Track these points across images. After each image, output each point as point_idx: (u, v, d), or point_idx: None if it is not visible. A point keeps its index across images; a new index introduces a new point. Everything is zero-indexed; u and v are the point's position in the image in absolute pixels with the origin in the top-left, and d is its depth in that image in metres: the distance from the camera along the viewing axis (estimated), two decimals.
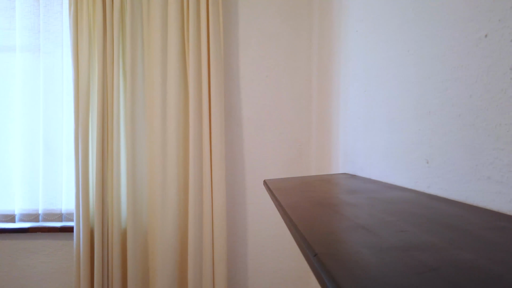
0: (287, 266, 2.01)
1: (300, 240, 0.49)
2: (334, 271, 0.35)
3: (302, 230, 0.51)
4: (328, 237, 0.49)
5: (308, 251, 0.44)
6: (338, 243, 0.46)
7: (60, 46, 1.99)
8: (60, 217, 2.00)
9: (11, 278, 1.94)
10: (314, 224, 0.55)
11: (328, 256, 0.40)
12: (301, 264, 2.01)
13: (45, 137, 1.98)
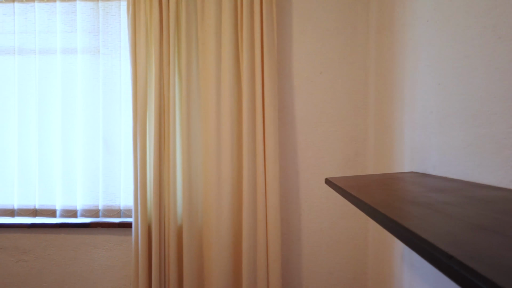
0: (343, 267, 1.96)
1: (419, 242, 0.45)
2: (491, 275, 0.32)
3: (417, 231, 0.48)
4: (448, 238, 0.45)
5: (438, 254, 0.40)
6: (466, 245, 0.42)
7: (118, 47, 2.05)
8: (119, 213, 2.07)
9: (74, 271, 2.03)
10: (425, 225, 0.51)
11: (469, 259, 0.37)
12: (357, 266, 1.96)
13: (104, 136, 2.05)
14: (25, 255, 2.04)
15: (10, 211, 2.08)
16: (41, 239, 2.04)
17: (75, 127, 2.07)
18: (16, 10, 2.06)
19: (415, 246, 0.46)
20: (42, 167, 2.07)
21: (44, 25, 2.06)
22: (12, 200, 2.08)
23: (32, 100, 2.07)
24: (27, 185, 2.07)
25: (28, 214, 2.08)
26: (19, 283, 2.04)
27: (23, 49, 2.07)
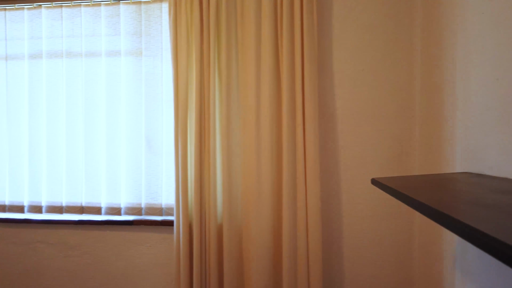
0: (386, 272, 1.90)
1: (506, 249, 0.42)
2: None
3: (500, 237, 0.45)
4: None
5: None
6: None
7: (160, 49, 2.09)
8: (161, 211, 2.12)
9: (118, 267, 2.10)
10: (504, 230, 0.48)
11: None
12: (402, 270, 1.89)
13: (146, 135, 2.11)
14: (72, 251, 2.13)
15: (59, 208, 2.18)
16: (88, 235, 2.12)
17: (119, 128, 2.14)
18: (63, 15, 2.15)
19: (500, 254, 0.43)
20: (88, 166, 2.15)
21: (89, 28, 2.14)
22: (60, 197, 2.17)
23: (78, 101, 2.16)
24: (75, 183, 2.16)
25: (75, 211, 2.16)
26: (67, 277, 2.14)
27: (71, 52, 2.16)
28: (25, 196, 2.20)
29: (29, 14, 2.18)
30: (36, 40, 2.18)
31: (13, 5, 2.17)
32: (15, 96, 2.21)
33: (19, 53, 2.20)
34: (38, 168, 2.19)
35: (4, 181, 2.21)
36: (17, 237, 2.17)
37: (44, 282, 2.15)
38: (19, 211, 2.20)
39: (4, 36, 2.21)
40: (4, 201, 2.22)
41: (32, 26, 2.18)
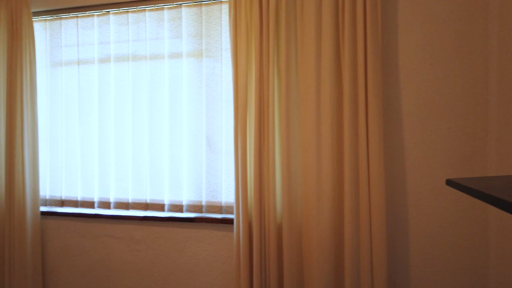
0: (459, 278, 1.79)
1: None
2: None
3: None
4: None
5: None
6: None
7: (220, 49, 2.13)
8: (220, 209, 2.16)
9: (180, 263, 2.17)
10: None
11: None
12: (475, 278, 1.77)
13: (207, 135, 2.16)
14: (138, 245, 2.24)
15: (125, 204, 2.29)
16: (152, 231, 2.22)
17: (181, 128, 2.21)
18: (130, 20, 2.26)
19: None
20: (153, 165, 2.25)
21: (153, 32, 2.23)
22: (127, 194, 2.29)
23: (143, 103, 2.26)
24: (140, 181, 2.27)
25: (140, 207, 2.27)
26: (133, 270, 2.25)
27: (136, 55, 2.27)
28: (95, 193, 2.34)
29: (99, 21, 2.32)
30: (104, 45, 2.32)
31: (84, 13, 2.32)
32: (86, 99, 2.36)
33: (89, 57, 2.35)
34: (107, 167, 2.32)
35: (77, 179, 2.37)
36: (88, 231, 2.32)
37: (112, 274, 2.28)
38: (90, 207, 2.35)
39: (76, 42, 2.37)
40: (77, 197, 2.38)
41: (101, 32, 2.32)
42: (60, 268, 2.36)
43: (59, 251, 2.37)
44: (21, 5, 2.22)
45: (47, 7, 2.35)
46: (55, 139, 2.42)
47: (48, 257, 2.39)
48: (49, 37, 2.42)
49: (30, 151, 2.26)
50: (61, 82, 2.40)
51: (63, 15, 2.36)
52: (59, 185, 2.41)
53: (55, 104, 2.42)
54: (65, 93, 2.40)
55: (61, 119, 2.41)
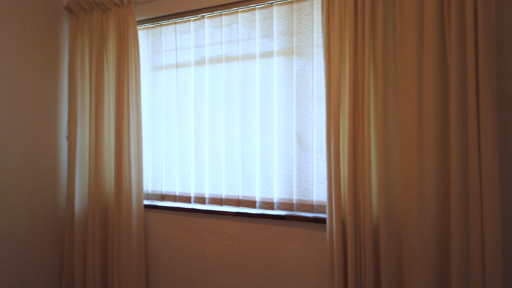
0: None
1: None
2: None
3: None
4: None
5: None
6: None
7: (311, 46, 2.11)
8: (312, 208, 2.14)
9: (271, 260, 2.20)
10: None
11: None
12: None
13: (297, 133, 2.15)
14: (231, 240, 2.32)
15: (219, 200, 2.39)
16: (244, 227, 2.28)
17: (271, 126, 2.23)
18: (223, 22, 2.35)
19: None
20: (244, 162, 2.31)
21: (245, 33, 2.29)
22: (220, 190, 2.39)
23: (235, 102, 2.34)
24: (232, 178, 2.35)
25: (233, 203, 2.35)
26: (226, 263, 2.33)
27: (229, 56, 2.35)
28: (191, 188, 2.49)
29: (194, 25, 2.45)
30: (200, 48, 2.45)
31: (181, 19, 2.48)
32: (183, 100, 2.51)
33: (186, 61, 2.50)
34: (202, 164, 2.45)
35: (175, 175, 2.54)
36: (185, 224, 2.47)
37: (207, 266, 2.39)
38: (187, 201, 2.50)
39: (174, 47, 2.53)
40: (175, 192, 2.55)
41: (197, 36, 2.45)
42: (161, 257, 2.55)
43: (159, 242, 2.56)
44: (127, 16, 2.44)
45: (149, 15, 2.55)
46: (156, 138, 2.63)
47: (150, 247, 2.59)
48: (151, 43, 2.64)
49: (135, 149, 2.47)
50: (161, 85, 2.60)
51: (163, 22, 2.55)
52: (160, 181, 2.61)
53: (156, 105, 2.63)
54: (164, 95, 2.59)
55: (161, 119, 2.60)
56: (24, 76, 2.53)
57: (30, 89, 2.58)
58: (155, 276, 2.58)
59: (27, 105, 2.55)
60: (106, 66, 2.56)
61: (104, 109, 2.55)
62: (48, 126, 2.70)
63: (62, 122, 2.82)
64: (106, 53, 2.55)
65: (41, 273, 2.66)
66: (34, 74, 2.60)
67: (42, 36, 2.66)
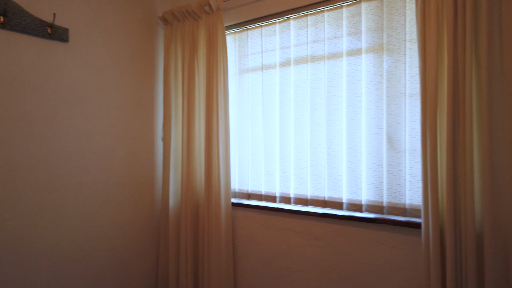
0: None
1: None
2: None
3: None
4: None
5: None
6: None
7: (403, 41, 2.02)
8: (404, 211, 2.04)
9: (360, 263, 2.14)
10: None
11: None
12: None
13: (388, 132, 2.07)
14: (317, 241, 2.31)
15: (304, 200, 2.40)
16: (330, 228, 2.26)
17: (359, 125, 2.18)
18: (308, 22, 2.36)
19: None
20: (330, 163, 2.29)
21: (331, 31, 2.27)
22: (306, 191, 2.39)
23: (321, 102, 2.32)
24: (318, 178, 2.34)
25: (318, 204, 2.34)
26: (312, 264, 2.33)
27: (314, 56, 2.35)
28: (276, 188, 2.53)
29: (280, 27, 2.50)
30: (285, 49, 2.48)
31: (267, 21, 2.53)
32: (269, 101, 2.57)
33: (271, 63, 2.55)
34: (287, 164, 2.48)
35: (261, 175, 2.61)
36: (271, 223, 2.52)
37: (293, 266, 2.41)
38: (272, 201, 2.55)
39: (260, 50, 2.60)
40: (261, 191, 2.62)
41: (282, 37, 2.49)
42: (247, 255, 2.64)
43: (246, 239, 2.65)
44: (217, 22, 2.56)
45: (236, 20, 2.66)
46: (242, 139, 2.72)
47: (237, 244, 2.69)
48: (238, 47, 2.74)
49: (223, 149, 2.59)
50: (247, 87, 2.69)
51: (250, 26, 2.63)
52: (246, 180, 2.70)
53: (242, 107, 2.72)
54: (250, 96, 2.67)
55: (247, 120, 2.69)
56: (126, 82, 2.81)
57: (132, 94, 2.85)
58: (242, 271, 2.67)
59: (129, 108, 2.82)
60: (197, 71, 2.72)
61: (195, 112, 2.72)
62: (146, 127, 2.96)
63: (158, 124, 3.06)
64: (197, 59, 2.71)
65: (140, 262, 2.92)
66: (135, 80, 2.87)
67: (141, 45, 2.92)
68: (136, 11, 2.89)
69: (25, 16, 2.23)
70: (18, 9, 2.20)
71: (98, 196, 2.63)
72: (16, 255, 2.22)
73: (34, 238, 2.30)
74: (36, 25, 2.28)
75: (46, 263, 2.35)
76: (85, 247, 2.55)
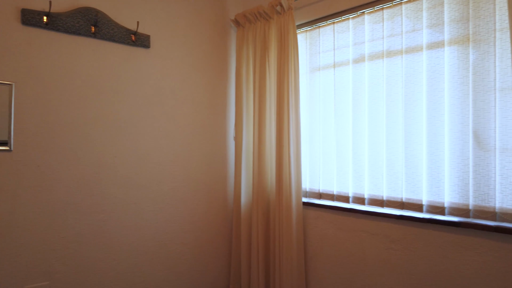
0: None
1: None
2: None
3: None
4: None
5: None
6: None
7: (492, 31, 1.88)
8: (494, 215, 1.89)
9: (442, 270, 2.02)
10: None
11: None
12: None
13: (474, 130, 1.93)
14: (393, 244, 2.22)
15: (380, 201, 2.33)
16: (409, 231, 2.16)
17: (441, 122, 2.06)
18: (384, 16, 2.28)
19: None
20: (408, 162, 2.19)
21: (409, 24, 2.17)
22: (381, 191, 2.31)
23: (398, 98, 2.23)
24: (395, 178, 2.25)
25: (395, 206, 2.25)
26: (388, 268, 2.25)
27: (390, 51, 2.26)
28: (349, 188, 2.48)
29: (353, 23, 2.45)
30: (358, 45, 2.42)
31: (340, 18, 2.50)
32: (341, 99, 2.53)
33: (344, 60, 2.51)
34: (361, 164, 2.42)
35: (333, 174, 2.58)
36: (343, 224, 2.48)
37: (367, 268, 2.35)
38: (345, 201, 2.51)
39: (332, 47, 2.57)
40: (333, 191, 2.58)
41: (356, 33, 2.44)
42: (318, 255, 2.62)
43: (318, 239, 2.63)
44: (288, 22, 2.58)
45: (307, 19, 2.66)
46: (313, 138, 2.71)
47: (309, 243, 2.69)
48: (309, 45, 2.74)
49: (294, 149, 2.60)
50: (318, 86, 2.67)
51: (321, 23, 2.62)
52: (317, 180, 2.68)
53: (313, 106, 2.71)
54: (322, 95, 2.65)
55: (318, 119, 2.67)
56: (201, 84, 2.95)
57: (206, 94, 2.98)
58: (313, 271, 2.66)
59: (203, 109, 2.96)
60: (268, 71, 2.76)
61: (266, 111, 2.77)
62: (219, 128, 3.07)
63: (230, 123, 3.16)
64: (268, 59, 2.75)
65: (213, 257, 3.04)
66: (208, 81, 3.00)
67: (214, 48, 3.04)
68: (209, 16, 3.01)
69: (113, 25, 2.44)
70: (106, 20, 2.41)
71: (175, 193, 2.79)
72: (104, 245, 2.43)
73: (118, 230, 2.50)
74: (122, 33, 2.48)
75: (130, 253, 2.55)
76: (163, 240, 2.72)
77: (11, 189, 2.11)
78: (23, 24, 2.13)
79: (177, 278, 2.80)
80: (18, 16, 2.12)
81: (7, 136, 2.09)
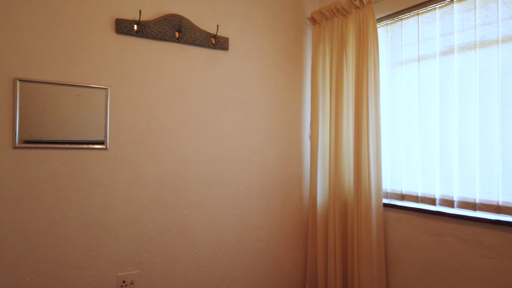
0: None
1: None
2: None
3: None
4: None
5: None
6: None
7: None
8: None
9: None
10: None
11: None
12: None
13: None
14: (488, 251, 2.06)
15: (472, 204, 2.16)
16: (507, 238, 1.98)
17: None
18: (476, 4, 2.12)
19: None
20: (506, 161, 2.00)
21: (507, 11, 1.99)
22: (473, 194, 2.15)
23: (493, 93, 2.06)
24: (489, 180, 2.08)
25: (490, 209, 2.08)
26: (482, 278, 2.08)
27: (484, 41, 2.09)
28: (436, 190, 2.34)
29: (440, 13, 2.31)
30: (446, 36, 2.28)
31: (425, 8, 2.37)
32: (426, 94, 2.40)
33: (430, 52, 2.37)
34: (449, 164, 2.27)
35: (417, 175, 2.45)
36: (429, 227, 2.34)
37: (457, 277, 2.20)
38: (431, 203, 2.37)
39: (416, 40, 2.45)
40: (417, 192, 2.46)
41: (443, 24, 2.30)
42: (401, 259, 2.51)
43: (400, 242, 2.52)
44: (367, 16, 2.52)
45: (389, 11, 2.57)
46: (395, 136, 2.60)
47: (390, 247, 2.59)
48: (390, 39, 2.64)
49: (373, 147, 2.52)
50: (401, 81, 2.56)
51: (404, 15, 2.51)
52: (399, 180, 2.57)
53: (394, 102, 2.61)
54: (404, 91, 2.53)
55: (400, 116, 2.56)
56: (277, 83, 2.99)
57: (282, 94, 3.02)
58: (395, 277, 2.55)
59: (279, 108, 3.00)
60: (345, 68, 2.72)
61: (343, 109, 2.72)
62: (295, 126, 3.09)
63: (305, 122, 3.17)
64: (345, 55, 2.71)
65: (289, 255, 3.07)
66: (284, 80, 3.03)
67: (289, 47, 3.07)
68: (285, 15, 3.05)
69: (195, 30, 2.58)
70: (189, 25, 2.56)
71: (252, 190, 2.87)
72: (186, 239, 2.59)
73: (200, 224, 2.64)
74: (203, 37, 2.62)
75: (209, 247, 2.68)
76: (241, 236, 2.82)
77: (107, 184, 2.34)
78: (117, 33, 2.35)
79: (254, 274, 2.88)
80: (112, 26, 2.34)
81: (103, 136, 2.32)
